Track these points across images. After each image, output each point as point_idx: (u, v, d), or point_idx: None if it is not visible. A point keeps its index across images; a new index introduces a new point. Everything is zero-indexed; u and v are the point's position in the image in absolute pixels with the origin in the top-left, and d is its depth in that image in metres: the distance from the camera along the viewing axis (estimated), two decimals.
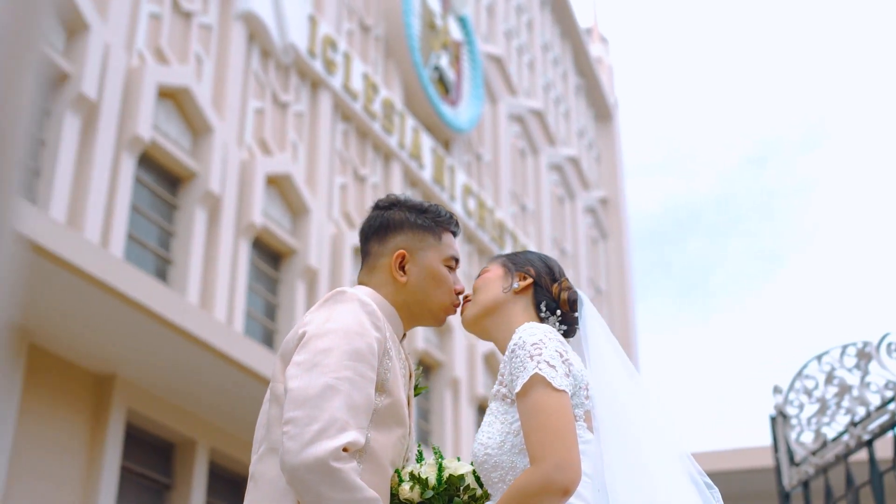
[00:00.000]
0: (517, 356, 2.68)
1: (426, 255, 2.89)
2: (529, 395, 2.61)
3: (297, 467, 2.41)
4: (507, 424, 2.71)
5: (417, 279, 2.86)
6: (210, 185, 12.87)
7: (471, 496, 2.72)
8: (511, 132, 23.62)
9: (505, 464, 2.67)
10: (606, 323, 3.03)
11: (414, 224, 2.91)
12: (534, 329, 2.74)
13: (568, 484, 2.49)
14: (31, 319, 9.26)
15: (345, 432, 2.45)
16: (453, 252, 2.94)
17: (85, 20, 11.52)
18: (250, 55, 14.74)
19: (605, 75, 30.87)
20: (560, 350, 2.70)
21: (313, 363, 2.54)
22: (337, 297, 2.71)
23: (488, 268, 3.05)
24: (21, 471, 9.25)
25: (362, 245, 2.97)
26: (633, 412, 2.82)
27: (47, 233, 8.32)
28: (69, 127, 11.14)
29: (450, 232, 2.97)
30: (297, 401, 2.49)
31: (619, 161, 29.71)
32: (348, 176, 16.61)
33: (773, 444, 7.25)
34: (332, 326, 2.61)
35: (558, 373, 2.63)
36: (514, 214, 22.69)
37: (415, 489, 2.68)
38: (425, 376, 17.85)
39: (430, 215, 2.94)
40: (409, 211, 2.94)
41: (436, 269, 2.88)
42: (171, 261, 12.57)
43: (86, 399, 10.14)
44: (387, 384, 2.67)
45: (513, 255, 3.07)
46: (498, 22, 24.20)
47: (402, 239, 2.90)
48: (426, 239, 2.91)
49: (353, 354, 2.57)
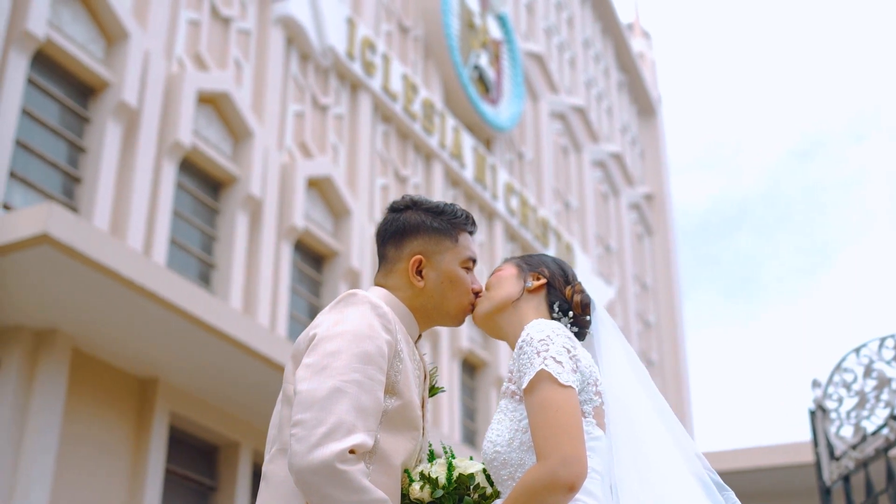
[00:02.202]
0: (524, 352, 2.68)
1: (443, 259, 2.87)
2: (536, 391, 2.61)
3: (303, 469, 2.43)
4: (516, 422, 2.70)
5: (435, 283, 2.86)
6: (251, 189, 12.98)
7: (481, 495, 2.72)
8: (553, 129, 23.57)
9: (514, 461, 2.67)
10: (653, 320, 3.01)
11: (430, 227, 2.89)
12: (542, 325, 2.74)
13: (573, 479, 2.49)
14: (74, 325, 9.39)
15: (351, 435, 2.46)
16: (470, 253, 2.93)
17: (124, 28, 11.67)
18: (289, 59, 14.84)
19: (648, 70, 30.70)
20: (568, 346, 2.70)
21: (322, 366, 2.55)
22: (348, 300, 2.71)
23: (502, 267, 3.05)
24: (67, 474, 9.39)
25: (379, 248, 2.95)
26: (643, 415, 2.81)
27: (91, 241, 8.43)
28: (111, 135, 11.28)
29: (467, 232, 2.95)
30: (304, 403, 2.50)
31: (663, 156, 29.54)
32: (389, 177, 16.67)
33: (812, 438, 7.18)
34: (341, 329, 2.62)
35: (565, 368, 2.63)
36: (558, 212, 22.64)
37: (425, 489, 2.68)
38: (470, 376, 17.87)
39: (447, 217, 2.92)
40: (426, 213, 2.91)
41: (453, 272, 2.88)
42: (214, 265, 12.68)
43: (129, 402, 10.26)
44: (397, 386, 2.68)
45: (527, 257, 3.07)
46: (538, 19, 24.16)
47: (418, 243, 2.88)
48: (443, 242, 2.89)
49: (362, 357, 2.58)
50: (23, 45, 10.45)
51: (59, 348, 9.29)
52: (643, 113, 29.80)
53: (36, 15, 10.54)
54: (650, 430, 2.80)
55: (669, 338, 26.54)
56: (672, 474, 2.74)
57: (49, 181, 10.86)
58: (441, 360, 16.40)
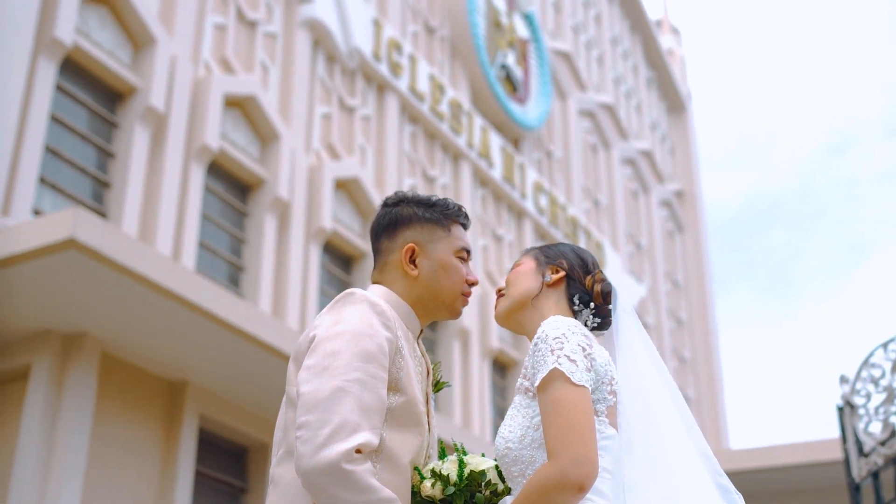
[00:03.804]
0: (539, 349, 2.66)
1: (436, 248, 2.88)
2: (548, 389, 2.59)
3: (310, 471, 2.43)
4: (528, 418, 2.69)
5: (429, 272, 2.86)
6: (279, 192, 13.03)
7: (492, 491, 2.71)
8: (581, 127, 23.51)
9: (525, 458, 2.65)
10: (685, 318, 2.97)
11: (422, 218, 2.90)
12: (558, 322, 2.71)
13: (583, 480, 2.47)
14: (103, 329, 9.46)
15: (356, 434, 2.47)
16: (464, 243, 2.93)
17: (151, 34, 11.75)
18: (315, 61, 14.88)
19: (677, 66, 30.57)
20: (583, 344, 2.67)
21: (323, 367, 2.56)
22: (346, 299, 2.72)
23: (520, 261, 3.02)
24: (98, 476, 9.46)
25: (373, 243, 2.97)
26: (659, 409, 2.77)
27: (117, 245, 8.49)
28: (139, 139, 11.36)
29: (459, 224, 2.95)
30: (308, 405, 2.51)
31: (693, 153, 29.40)
32: (417, 177, 16.68)
33: (840, 435, 7.13)
34: (340, 329, 2.63)
35: (579, 367, 2.61)
36: (587, 210, 22.58)
37: (436, 486, 2.67)
38: (501, 375, 17.86)
39: (439, 208, 2.93)
40: (417, 205, 2.93)
41: (447, 260, 2.88)
42: (243, 268, 12.75)
43: (159, 405, 10.33)
44: (400, 383, 2.68)
45: (545, 248, 3.03)
46: (565, 17, 24.11)
47: (411, 233, 2.89)
48: (435, 231, 2.89)
49: (363, 356, 2.58)
50: (51, 53, 10.55)
51: (88, 352, 9.36)
52: (673, 109, 29.67)
53: (64, 22, 10.63)
54: (668, 424, 2.76)
55: (702, 336, 26.40)
56: (687, 471, 2.70)
57: (78, 186, 10.95)
58: (471, 360, 16.40)
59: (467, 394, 16.17)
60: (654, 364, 2.87)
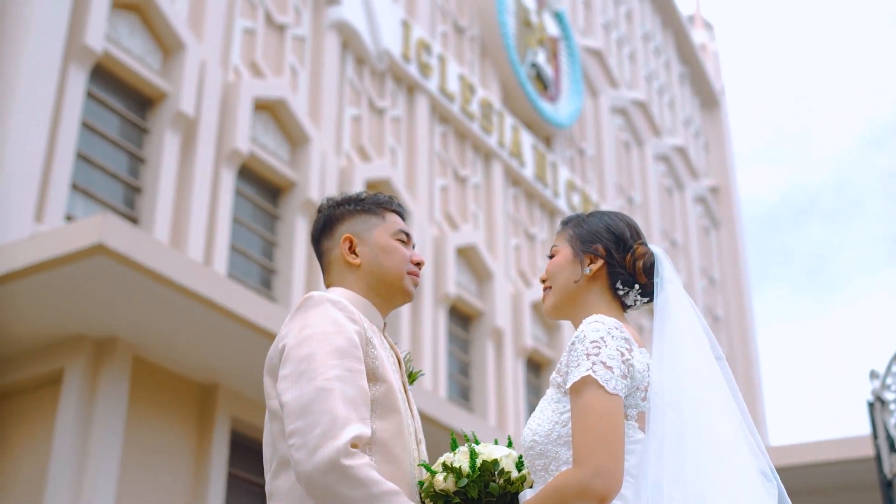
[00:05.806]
0: (576, 349, 2.61)
1: (373, 234, 2.93)
2: (581, 394, 2.54)
3: (311, 474, 2.43)
4: (558, 414, 2.64)
5: (370, 258, 2.90)
6: (310, 194, 13.08)
7: (506, 479, 2.67)
8: (614, 125, 23.43)
9: (550, 453, 2.62)
10: (721, 313, 2.86)
11: (355, 211, 2.97)
12: (598, 325, 2.63)
13: (605, 492, 2.44)
14: (135, 333, 9.53)
15: (347, 427, 2.47)
16: (400, 226, 2.97)
17: (180, 40, 11.83)
18: (345, 63, 14.93)
19: (710, 62, 30.38)
20: (622, 349, 2.61)
21: (300, 372, 2.57)
22: (307, 303, 2.74)
23: (557, 247, 2.93)
24: (131, 479, 9.53)
25: (316, 249, 3.02)
26: (697, 392, 2.66)
27: (146, 250, 8.55)
28: (169, 144, 11.45)
29: (392, 211, 2.99)
30: (294, 412, 2.51)
31: (728, 148, 29.21)
32: (448, 177, 16.69)
33: (871, 431, 7.06)
34: (308, 333, 2.64)
35: (614, 374, 2.55)
36: (621, 207, 22.48)
37: (449, 479, 2.65)
38: (535, 374, 17.83)
39: (370, 200, 2.99)
40: (348, 203, 2.99)
41: (385, 242, 2.92)
42: (275, 270, 12.81)
43: (191, 408, 10.39)
44: (377, 372, 2.69)
45: (579, 231, 2.91)
46: (596, 15, 24.03)
47: (346, 227, 2.95)
48: (370, 220, 2.95)
49: (336, 353, 2.60)
50: (82, 60, 10.65)
51: (120, 356, 9.44)
52: (706, 105, 29.49)
53: (94, 29, 10.73)
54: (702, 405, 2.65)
55: (739, 332, 26.23)
56: (724, 468, 2.59)
57: (110, 192, 11.05)
58: (505, 359, 16.39)
59: (501, 393, 16.16)
60: (696, 338, 2.76)
